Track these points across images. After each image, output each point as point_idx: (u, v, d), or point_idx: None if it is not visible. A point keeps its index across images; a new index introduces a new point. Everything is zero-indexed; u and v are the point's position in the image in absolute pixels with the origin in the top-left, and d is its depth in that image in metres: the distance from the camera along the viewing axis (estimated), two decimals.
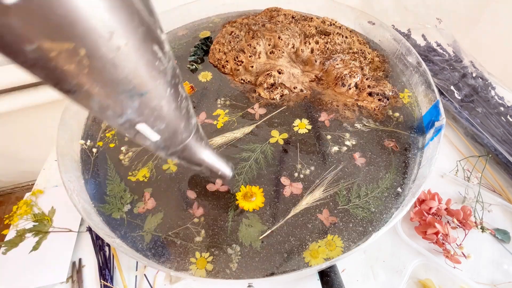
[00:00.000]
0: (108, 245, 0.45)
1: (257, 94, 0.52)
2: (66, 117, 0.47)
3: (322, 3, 0.64)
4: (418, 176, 0.41)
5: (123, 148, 0.47)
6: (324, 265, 0.34)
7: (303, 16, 0.62)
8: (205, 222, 0.39)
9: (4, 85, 0.69)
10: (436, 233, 0.43)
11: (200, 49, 0.60)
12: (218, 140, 0.46)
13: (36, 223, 0.48)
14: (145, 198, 0.41)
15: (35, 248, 0.45)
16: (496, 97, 0.59)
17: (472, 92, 0.60)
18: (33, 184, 0.54)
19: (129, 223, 0.40)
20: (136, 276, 0.43)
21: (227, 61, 0.56)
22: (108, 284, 0.41)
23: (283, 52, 0.55)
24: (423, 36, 0.71)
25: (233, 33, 0.58)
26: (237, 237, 0.37)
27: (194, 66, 0.57)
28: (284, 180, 0.41)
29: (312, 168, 0.42)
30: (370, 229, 0.37)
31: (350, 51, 0.56)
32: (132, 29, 0.15)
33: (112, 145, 0.47)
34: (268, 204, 0.40)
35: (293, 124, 0.47)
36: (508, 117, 0.56)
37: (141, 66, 0.17)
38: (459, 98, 0.59)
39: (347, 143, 0.45)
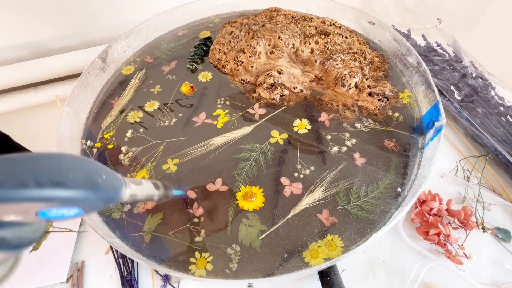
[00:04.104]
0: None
1: (257, 94, 0.52)
2: (66, 117, 0.47)
3: (322, 3, 0.64)
4: (418, 176, 0.41)
5: (123, 148, 0.47)
6: (324, 265, 0.34)
7: (303, 16, 0.62)
8: (205, 222, 0.39)
9: (4, 85, 0.69)
10: (438, 234, 0.43)
11: (200, 49, 0.60)
12: (218, 140, 0.46)
13: None
14: None
15: (35, 248, 0.45)
16: (496, 97, 0.59)
17: (472, 92, 0.60)
18: None
19: (129, 223, 0.40)
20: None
21: (227, 61, 0.56)
22: None
23: (283, 52, 0.55)
24: (423, 36, 0.71)
25: (233, 33, 0.58)
26: (237, 237, 0.37)
27: (194, 66, 0.57)
28: (284, 180, 0.41)
29: (312, 168, 0.42)
30: (370, 229, 0.37)
31: (350, 51, 0.56)
32: None
33: (110, 146, 0.47)
34: (268, 204, 0.40)
35: (293, 124, 0.47)
36: (508, 117, 0.56)
37: None
38: (459, 98, 0.59)
39: (347, 143, 0.45)
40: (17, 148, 0.35)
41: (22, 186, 0.17)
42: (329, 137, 0.45)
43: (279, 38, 0.55)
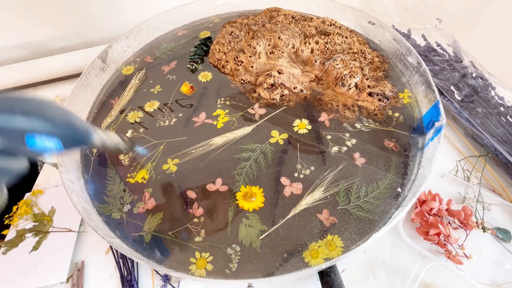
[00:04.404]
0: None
1: (257, 94, 0.52)
2: None
3: (322, 3, 0.64)
4: (418, 176, 0.41)
5: None
6: (324, 265, 0.34)
7: (303, 16, 0.62)
8: (205, 222, 0.39)
9: (4, 85, 0.69)
10: (438, 234, 0.43)
11: (200, 49, 0.60)
12: (218, 140, 0.46)
13: (36, 223, 0.48)
14: (145, 198, 0.41)
15: (35, 248, 0.45)
16: (496, 97, 0.59)
17: (472, 92, 0.60)
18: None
19: (129, 223, 0.40)
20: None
21: (227, 61, 0.56)
22: None
23: (283, 52, 0.55)
24: (423, 36, 0.71)
25: (233, 33, 0.58)
26: (237, 237, 0.37)
27: (194, 66, 0.57)
28: (284, 180, 0.41)
29: (312, 168, 0.42)
30: (370, 229, 0.37)
31: (350, 51, 0.56)
32: None
33: None
34: (268, 204, 0.40)
35: (293, 124, 0.47)
36: (508, 117, 0.56)
37: None
38: (459, 98, 0.59)
39: (347, 143, 0.45)
40: None
41: (11, 113, 0.21)
42: (329, 137, 0.45)
43: (279, 38, 0.55)
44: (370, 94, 0.49)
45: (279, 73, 0.52)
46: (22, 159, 0.24)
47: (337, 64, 0.53)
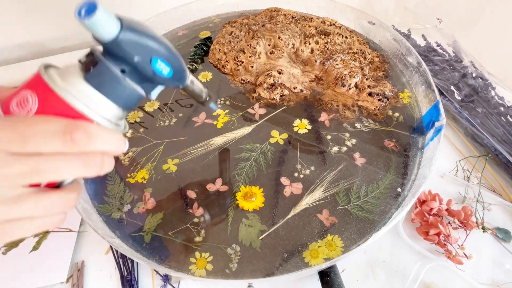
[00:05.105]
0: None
1: (257, 94, 0.52)
2: None
3: (322, 3, 0.64)
4: (418, 176, 0.41)
5: None
6: (324, 265, 0.34)
7: (303, 16, 0.62)
8: (205, 222, 0.39)
9: (4, 85, 0.69)
10: (438, 234, 0.43)
11: (200, 49, 0.60)
12: (218, 140, 0.46)
13: None
14: (145, 198, 0.41)
15: (35, 248, 0.45)
16: (496, 97, 0.59)
17: (472, 92, 0.60)
18: None
19: (129, 223, 0.40)
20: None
21: (227, 61, 0.56)
22: None
23: (283, 52, 0.55)
24: (423, 36, 0.71)
25: (233, 33, 0.58)
26: (237, 237, 0.37)
27: (194, 66, 0.57)
28: (284, 180, 0.41)
29: (312, 168, 0.42)
30: (370, 229, 0.37)
31: (350, 51, 0.56)
32: None
33: None
34: (268, 204, 0.40)
35: (293, 124, 0.47)
36: (508, 117, 0.56)
37: None
38: (459, 98, 0.59)
39: (347, 143, 0.45)
40: None
41: (147, 35, 0.23)
42: (329, 137, 0.45)
43: (279, 38, 0.55)
44: (370, 94, 0.49)
45: (279, 73, 0.52)
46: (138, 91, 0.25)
47: (337, 64, 0.53)
